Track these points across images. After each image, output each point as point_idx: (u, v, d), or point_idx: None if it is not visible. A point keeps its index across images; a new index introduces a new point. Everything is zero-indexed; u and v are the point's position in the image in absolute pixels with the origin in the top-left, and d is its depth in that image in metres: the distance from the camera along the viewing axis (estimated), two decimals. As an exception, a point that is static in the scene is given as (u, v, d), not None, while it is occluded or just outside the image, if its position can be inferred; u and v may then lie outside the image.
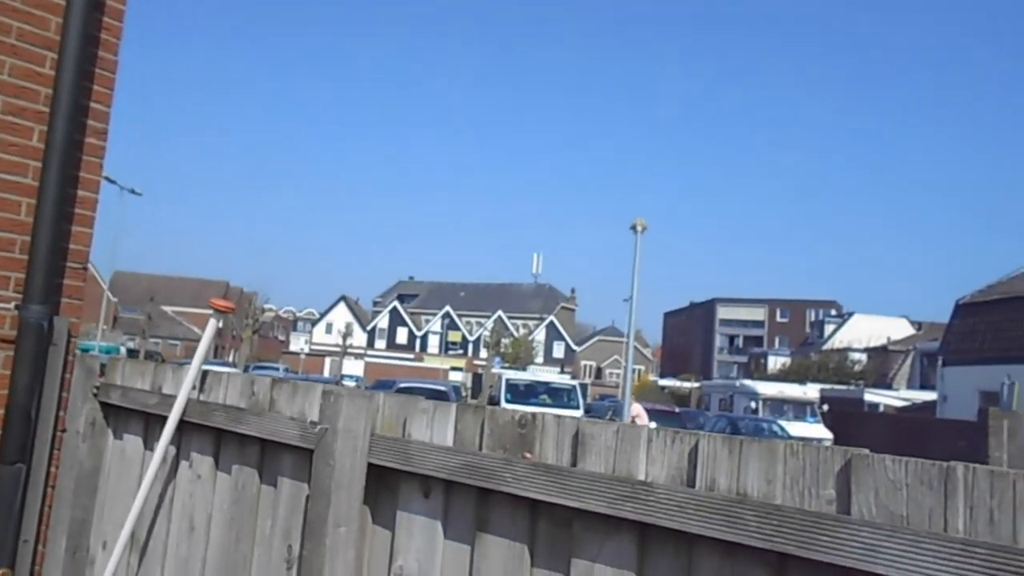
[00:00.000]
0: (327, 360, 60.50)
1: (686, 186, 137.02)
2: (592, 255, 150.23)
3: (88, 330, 38.61)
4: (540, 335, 74.62)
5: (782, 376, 49.38)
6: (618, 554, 1.67)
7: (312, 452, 2.23)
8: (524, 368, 48.03)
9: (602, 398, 42.40)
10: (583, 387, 28.17)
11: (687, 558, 1.57)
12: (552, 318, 75.89)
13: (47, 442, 3.07)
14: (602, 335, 79.72)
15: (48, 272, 2.96)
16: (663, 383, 63.80)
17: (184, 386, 2.78)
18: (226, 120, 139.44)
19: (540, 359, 69.72)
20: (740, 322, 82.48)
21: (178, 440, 2.88)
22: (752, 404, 30.48)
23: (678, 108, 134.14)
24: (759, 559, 1.47)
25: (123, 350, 36.16)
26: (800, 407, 29.22)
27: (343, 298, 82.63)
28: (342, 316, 78.99)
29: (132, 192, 34.02)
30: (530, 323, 76.06)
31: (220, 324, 2.93)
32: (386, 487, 2.18)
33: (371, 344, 76.01)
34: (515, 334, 68.99)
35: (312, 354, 67.00)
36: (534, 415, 1.87)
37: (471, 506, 1.96)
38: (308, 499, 2.25)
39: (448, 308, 77.74)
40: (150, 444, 3.01)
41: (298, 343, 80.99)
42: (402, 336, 77.72)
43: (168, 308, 68.76)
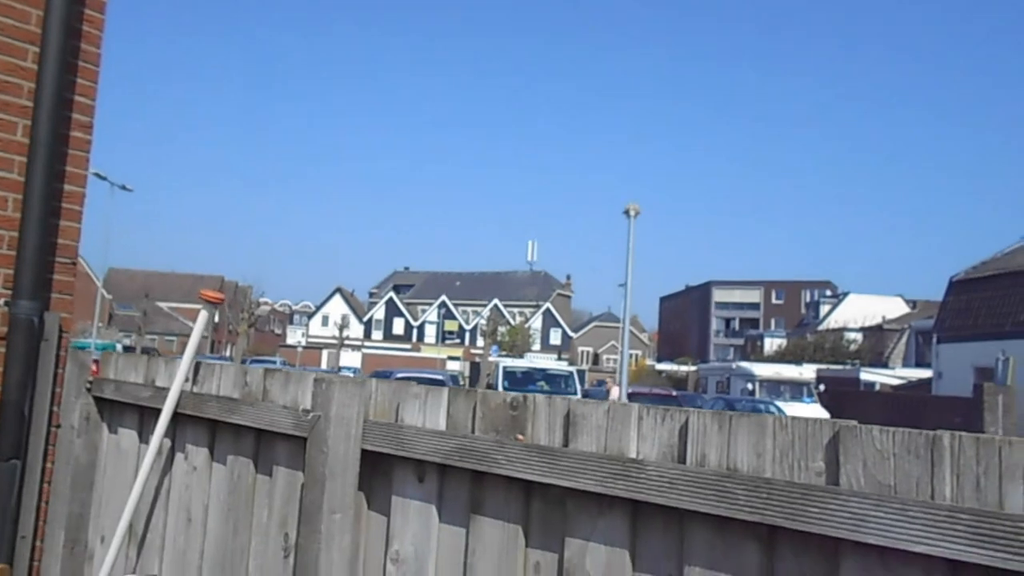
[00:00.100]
0: (324, 352, 60.38)
1: (679, 170, 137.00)
2: (587, 241, 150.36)
3: (84, 328, 38.53)
4: (537, 322, 74.66)
5: (778, 357, 49.50)
6: (611, 532, 1.68)
7: (306, 440, 2.24)
8: (521, 356, 48.10)
9: (600, 383, 42.51)
10: (580, 373, 28.20)
11: (679, 534, 1.58)
12: (548, 305, 75.90)
13: (42, 438, 3.07)
14: (598, 321, 79.83)
15: (37, 268, 2.94)
16: (660, 367, 63.99)
17: (177, 378, 2.78)
18: (218, 114, 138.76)
19: (537, 346, 69.81)
20: (736, 304, 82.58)
21: (173, 432, 2.88)
22: (749, 386, 30.60)
23: (669, 92, 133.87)
24: (750, 532, 1.48)
25: (119, 347, 36.06)
26: (796, 387, 29.34)
27: (339, 290, 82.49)
28: (338, 308, 78.86)
29: (123, 188, 33.78)
30: (526, 311, 76.06)
31: (216, 316, 2.93)
32: (380, 473, 2.19)
33: (368, 335, 75.99)
34: (512, 322, 68.99)
35: (309, 347, 66.86)
36: (525, 396, 1.88)
37: (465, 489, 1.97)
38: (303, 487, 2.26)
39: (444, 298, 77.66)
40: (145, 437, 3.01)
41: (295, 336, 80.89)
42: (399, 327, 77.68)
43: (163, 304, 68.53)
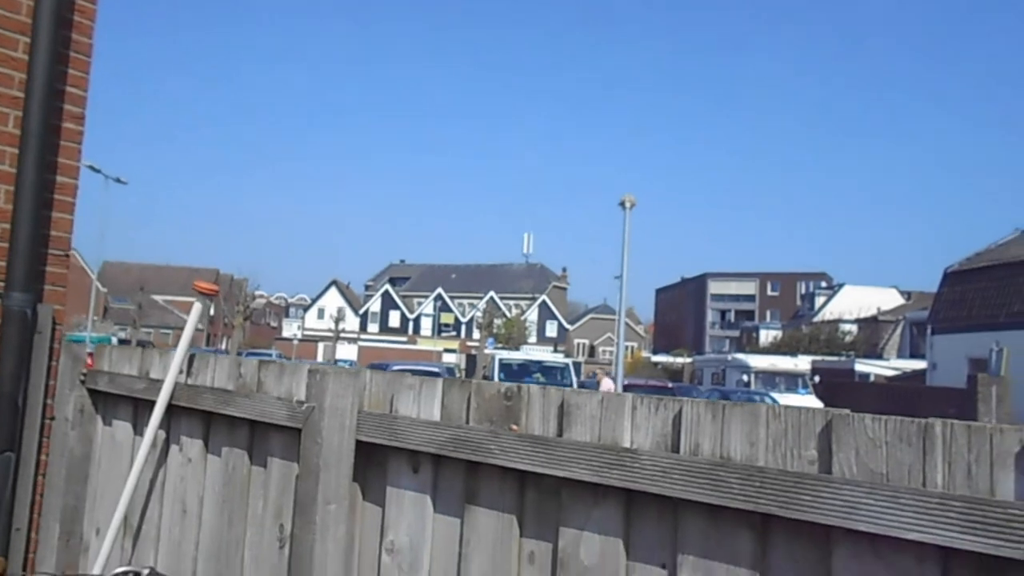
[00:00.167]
0: (320, 345, 60.35)
1: (674, 162, 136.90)
2: (583, 234, 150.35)
3: (79, 321, 38.41)
4: (533, 315, 74.66)
5: (774, 349, 49.69)
6: (605, 521, 1.68)
7: (300, 431, 2.23)
8: (517, 348, 48.12)
9: (594, 376, 42.54)
10: (576, 365, 28.23)
11: (673, 522, 1.59)
12: (544, 297, 75.91)
13: (36, 430, 3.06)
14: (594, 313, 79.90)
15: (29, 260, 2.93)
16: (656, 359, 64.12)
17: (171, 370, 2.78)
18: (212, 107, 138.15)
19: (533, 339, 69.82)
20: (731, 296, 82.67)
21: (167, 424, 2.88)
22: (744, 377, 30.68)
23: (665, 85, 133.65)
24: (743, 520, 1.48)
25: (114, 340, 35.99)
26: (792, 379, 29.45)
27: (334, 283, 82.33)
28: (334, 301, 78.76)
29: (117, 181, 33.55)
30: (522, 303, 76.09)
31: (210, 307, 2.92)
32: (375, 463, 2.19)
33: (364, 328, 75.91)
34: (508, 314, 69.02)
35: (305, 340, 66.82)
36: (519, 386, 1.88)
37: (460, 479, 1.97)
38: (298, 478, 2.26)
39: (440, 290, 77.60)
40: (140, 429, 3.01)
41: (291, 329, 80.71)
42: (395, 319, 77.60)
43: (158, 297, 68.43)
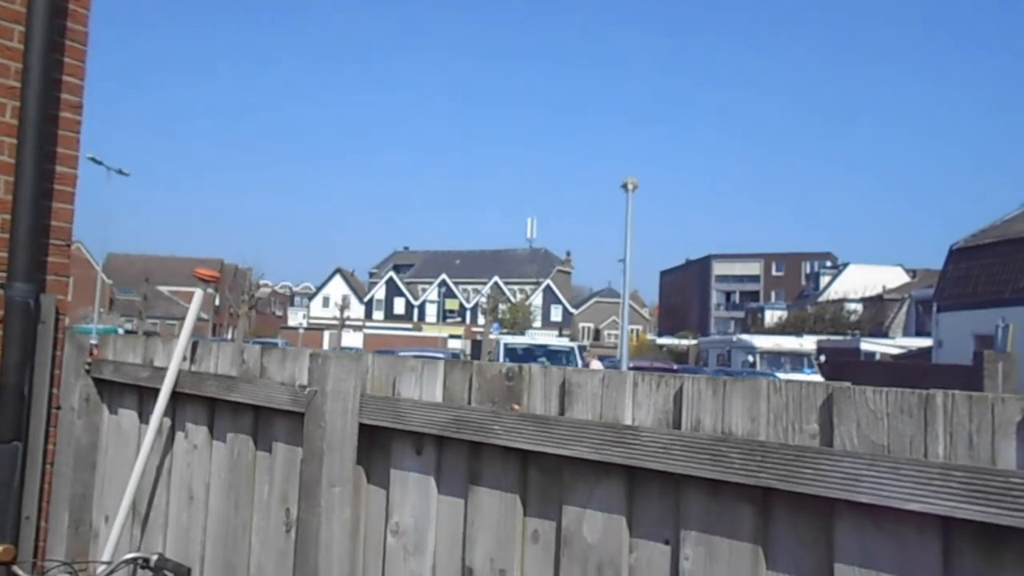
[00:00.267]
0: (326, 333, 60.54)
1: (678, 144, 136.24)
2: (586, 217, 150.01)
3: (85, 313, 38.57)
4: (537, 299, 74.65)
5: (779, 329, 49.61)
6: (608, 498, 1.69)
7: (304, 415, 2.24)
8: (522, 333, 48.16)
9: (600, 359, 42.61)
10: (581, 348, 28.28)
11: (675, 498, 1.59)
12: (548, 282, 75.86)
13: (42, 420, 3.08)
14: (599, 296, 79.82)
15: (31, 250, 2.94)
16: (661, 341, 64.09)
17: (175, 357, 2.79)
18: (215, 98, 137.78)
19: (538, 323, 69.85)
20: (736, 277, 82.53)
21: (172, 411, 2.89)
22: (750, 358, 30.71)
23: (670, 68, 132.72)
24: (744, 495, 1.49)
25: (121, 331, 36.13)
26: (797, 359, 29.48)
27: (339, 271, 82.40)
28: (338, 289, 78.83)
29: (120, 172, 33.65)
30: (527, 288, 76.05)
31: (213, 295, 2.93)
32: (379, 446, 2.20)
33: (369, 316, 76.03)
34: (512, 299, 69.02)
35: (310, 328, 67.03)
36: (521, 366, 1.88)
37: (463, 460, 1.98)
38: (303, 462, 2.27)
39: (444, 276, 77.62)
40: (145, 417, 3.02)
41: (296, 318, 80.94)
42: (399, 306, 77.70)
43: (164, 288, 68.54)
